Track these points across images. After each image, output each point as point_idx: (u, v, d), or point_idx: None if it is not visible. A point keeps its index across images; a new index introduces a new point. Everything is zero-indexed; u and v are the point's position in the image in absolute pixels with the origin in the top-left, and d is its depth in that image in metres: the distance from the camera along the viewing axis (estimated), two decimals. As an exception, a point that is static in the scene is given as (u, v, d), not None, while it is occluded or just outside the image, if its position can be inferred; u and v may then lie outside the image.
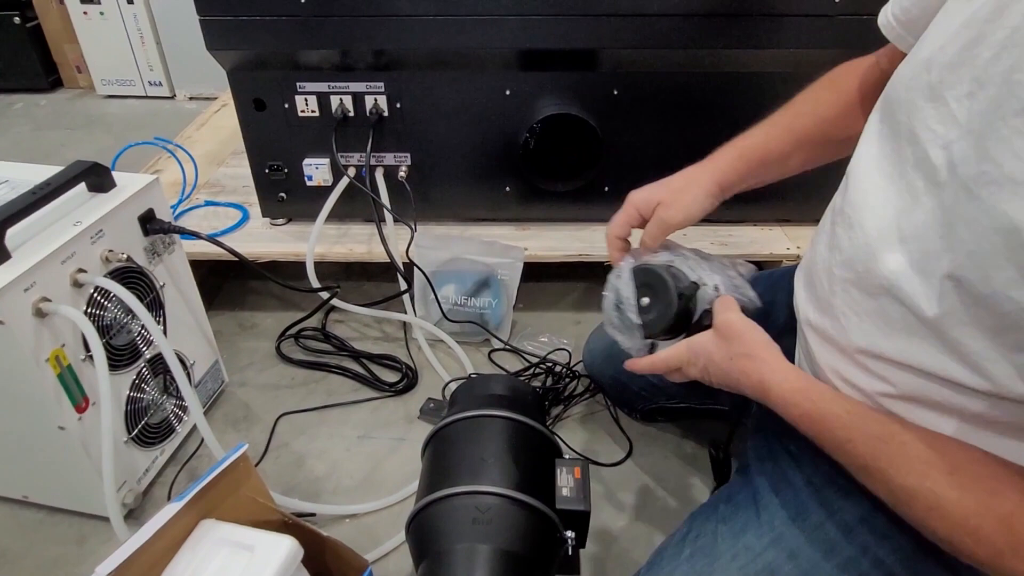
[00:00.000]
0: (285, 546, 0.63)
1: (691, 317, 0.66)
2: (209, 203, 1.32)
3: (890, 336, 0.50)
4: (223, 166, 1.46)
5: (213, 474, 0.66)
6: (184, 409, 0.98)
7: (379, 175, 1.18)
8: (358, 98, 1.12)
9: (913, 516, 0.48)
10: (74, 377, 0.77)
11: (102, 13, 2.19)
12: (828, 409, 0.53)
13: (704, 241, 1.22)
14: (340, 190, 1.16)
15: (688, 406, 0.94)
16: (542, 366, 1.14)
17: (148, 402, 0.90)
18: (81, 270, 0.76)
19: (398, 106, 1.13)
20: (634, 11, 1.01)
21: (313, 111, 1.13)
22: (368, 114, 1.13)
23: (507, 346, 1.19)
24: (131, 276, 0.84)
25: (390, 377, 1.14)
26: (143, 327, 0.86)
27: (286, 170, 1.19)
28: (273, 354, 1.19)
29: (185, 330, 0.97)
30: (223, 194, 1.35)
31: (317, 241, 1.15)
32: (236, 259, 0.96)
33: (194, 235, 0.91)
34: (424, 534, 0.68)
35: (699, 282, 0.66)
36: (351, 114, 1.13)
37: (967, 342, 0.44)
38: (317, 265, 1.14)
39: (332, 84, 1.11)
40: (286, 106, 1.13)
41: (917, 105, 0.48)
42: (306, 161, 1.17)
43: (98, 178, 0.82)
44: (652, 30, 1.03)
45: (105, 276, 0.78)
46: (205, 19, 1.03)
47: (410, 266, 1.15)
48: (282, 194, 1.22)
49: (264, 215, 1.26)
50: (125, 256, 0.81)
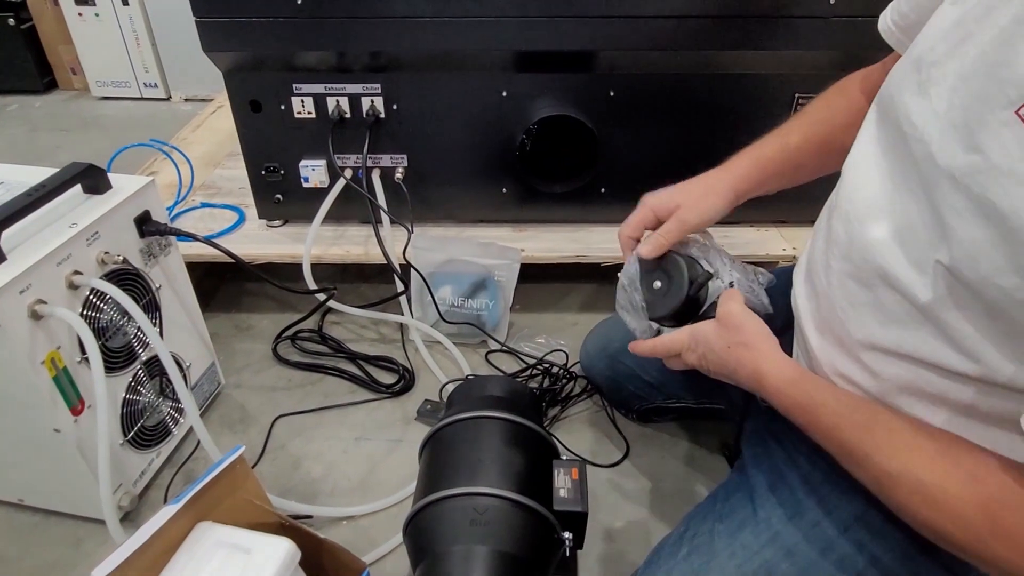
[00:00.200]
0: (282, 548, 0.63)
1: (699, 306, 0.67)
2: (205, 205, 1.32)
3: (886, 326, 0.51)
4: (219, 168, 1.46)
5: (210, 476, 0.66)
6: (180, 411, 0.98)
7: (376, 177, 1.18)
8: (354, 99, 1.12)
9: (897, 502, 0.49)
10: (70, 379, 0.77)
11: (97, 15, 2.18)
12: (818, 397, 0.54)
13: (700, 242, 1.22)
14: (337, 192, 1.16)
15: (685, 406, 0.94)
16: (539, 367, 1.14)
17: (144, 404, 0.90)
18: (77, 272, 0.76)
19: (395, 108, 1.13)
20: (630, 13, 1.02)
21: (309, 113, 1.13)
22: (365, 116, 1.13)
23: (504, 347, 1.19)
24: (127, 278, 0.84)
25: (387, 379, 1.13)
26: (139, 329, 0.86)
27: (282, 172, 1.19)
28: (270, 356, 1.19)
29: (181, 332, 0.97)
30: (219, 196, 1.35)
31: (314, 243, 1.14)
32: (232, 261, 0.96)
33: (190, 237, 0.91)
34: (422, 536, 0.68)
35: (715, 275, 0.67)
36: (348, 116, 1.13)
37: (960, 326, 0.45)
38: (314, 267, 1.14)
39: (328, 85, 1.11)
40: (282, 108, 1.13)
41: (905, 102, 0.49)
42: (302, 163, 1.17)
43: (94, 180, 0.82)
44: (648, 32, 1.03)
45: (101, 278, 0.78)
46: (201, 20, 1.03)
47: (407, 268, 1.15)
48: (278, 196, 1.22)
49: (260, 217, 1.25)
50: (121, 258, 0.81)
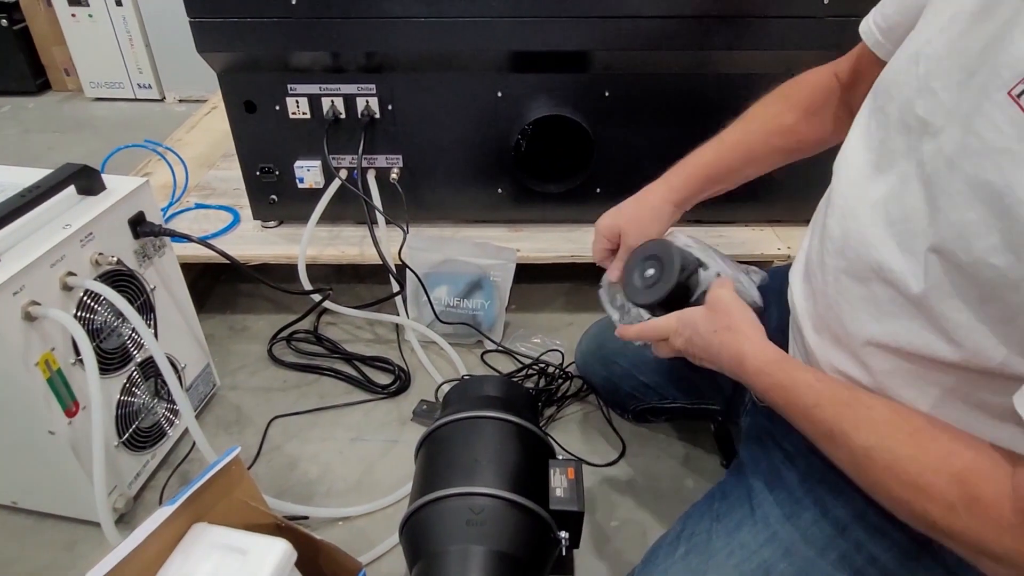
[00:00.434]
0: (278, 549, 0.63)
1: (690, 294, 0.68)
2: (200, 206, 1.31)
3: (880, 320, 0.51)
4: (214, 169, 1.46)
5: (205, 478, 0.65)
6: (175, 413, 0.98)
7: (371, 177, 1.18)
8: (349, 100, 1.11)
9: (871, 478, 0.49)
10: (64, 381, 0.76)
11: (90, 15, 2.17)
12: (799, 376, 0.54)
13: (696, 242, 1.22)
14: (332, 192, 1.15)
15: (680, 406, 0.94)
16: (535, 367, 1.14)
17: (139, 406, 0.90)
18: (71, 273, 0.75)
19: (390, 108, 1.12)
20: (625, 13, 1.02)
21: (304, 113, 1.13)
22: (360, 116, 1.12)
23: (500, 347, 1.19)
24: (121, 279, 0.84)
25: (383, 379, 1.13)
26: (133, 330, 0.85)
27: (277, 172, 1.19)
28: (265, 357, 1.18)
29: (176, 333, 0.97)
30: (214, 197, 1.35)
31: (309, 243, 1.14)
32: (227, 262, 0.95)
33: (185, 238, 0.91)
34: (418, 536, 0.68)
35: (706, 266, 0.68)
36: (342, 116, 1.13)
37: (952, 315, 0.45)
38: (309, 267, 1.14)
39: (323, 86, 1.10)
40: (277, 108, 1.12)
41: (907, 97, 0.50)
42: (297, 163, 1.17)
43: (88, 181, 0.81)
44: (643, 32, 1.04)
45: (95, 279, 0.78)
46: (195, 21, 1.03)
47: (402, 268, 1.15)
48: (273, 196, 1.21)
49: (255, 218, 1.25)
50: (115, 259, 0.81)
